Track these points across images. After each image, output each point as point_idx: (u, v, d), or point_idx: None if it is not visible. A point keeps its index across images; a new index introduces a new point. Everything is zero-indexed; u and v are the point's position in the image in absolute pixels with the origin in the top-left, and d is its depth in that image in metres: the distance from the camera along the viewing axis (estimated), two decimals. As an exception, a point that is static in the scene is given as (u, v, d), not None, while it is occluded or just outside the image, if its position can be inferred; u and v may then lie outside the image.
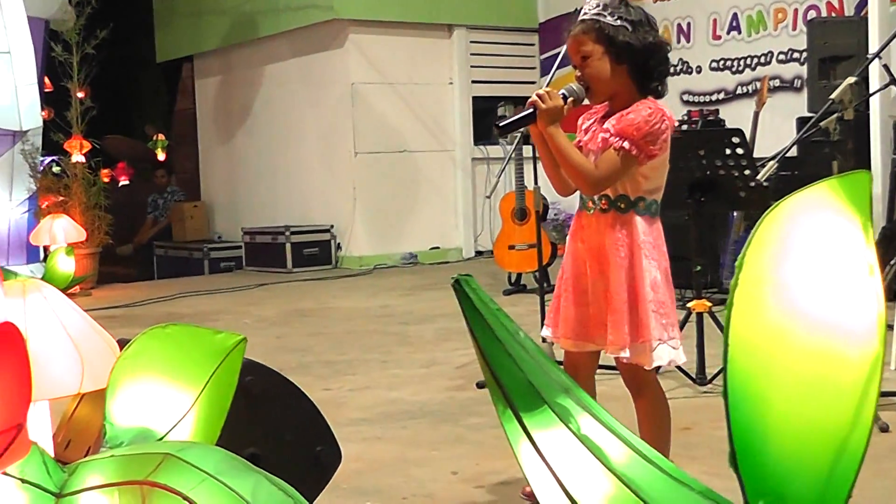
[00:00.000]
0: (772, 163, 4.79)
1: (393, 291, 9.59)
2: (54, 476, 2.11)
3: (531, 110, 3.16)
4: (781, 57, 10.55)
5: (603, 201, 3.21)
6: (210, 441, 2.49)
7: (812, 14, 10.17)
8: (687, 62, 11.40)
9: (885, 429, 4.15)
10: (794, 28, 10.43)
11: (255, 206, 13.16)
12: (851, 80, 4.55)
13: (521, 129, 3.38)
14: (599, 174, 3.14)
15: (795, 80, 10.31)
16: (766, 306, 1.26)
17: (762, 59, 10.66)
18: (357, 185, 11.82)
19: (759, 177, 4.67)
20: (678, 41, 11.47)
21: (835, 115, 6.76)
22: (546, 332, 3.48)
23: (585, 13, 3.22)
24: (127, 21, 13.60)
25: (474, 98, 12.62)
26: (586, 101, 3.27)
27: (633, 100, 3.18)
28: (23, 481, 2.07)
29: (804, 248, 1.28)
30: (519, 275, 9.17)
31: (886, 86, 6.81)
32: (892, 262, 7.18)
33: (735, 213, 7.66)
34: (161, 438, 2.41)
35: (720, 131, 4.93)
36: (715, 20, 11.10)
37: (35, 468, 2.08)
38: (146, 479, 2.00)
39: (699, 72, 11.29)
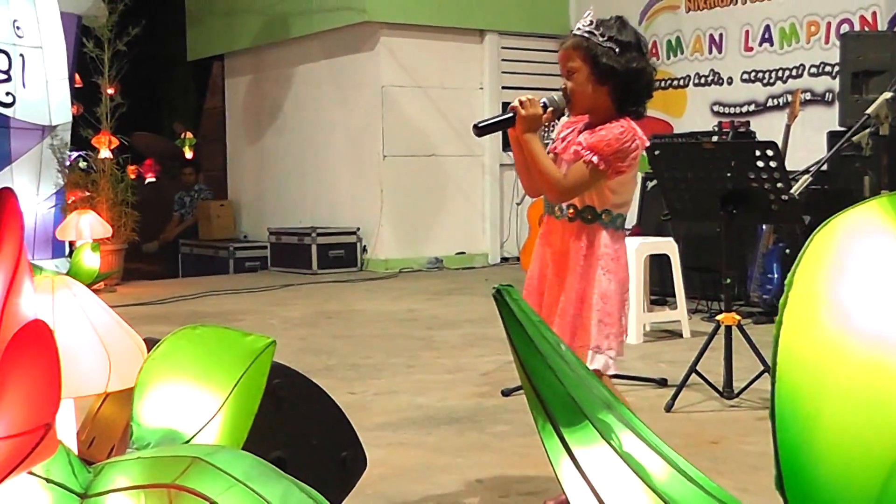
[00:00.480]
0: (806, 176, 4.76)
1: (418, 295, 9.56)
2: (80, 476, 2.09)
3: (511, 115, 3.28)
4: (813, 70, 10.49)
5: (570, 210, 3.34)
6: (237, 444, 2.47)
7: (845, 28, 10.11)
8: (718, 73, 11.33)
9: None
10: (827, 41, 10.37)
11: (281, 206, 13.17)
12: (888, 95, 4.51)
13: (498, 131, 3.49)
14: (566, 184, 3.27)
15: (827, 94, 10.25)
16: (818, 324, 1.22)
17: (794, 72, 10.60)
18: (385, 188, 11.80)
19: (792, 190, 4.63)
20: (710, 52, 11.42)
21: (868, 130, 6.74)
22: None
23: (579, 28, 3.29)
24: (159, 19, 13.65)
25: (504, 104, 12.55)
26: (566, 112, 3.42)
27: (611, 117, 3.28)
28: (48, 481, 2.05)
29: (858, 266, 1.25)
30: (545, 282, 9.12)
31: (885, 102, 6.73)
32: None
33: (764, 227, 7.61)
34: (188, 441, 2.39)
35: (754, 143, 4.88)
36: (747, 31, 11.04)
37: (60, 468, 2.06)
38: (173, 483, 1.97)
39: (730, 83, 11.23)
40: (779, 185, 4.62)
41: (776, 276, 7.60)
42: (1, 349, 2.19)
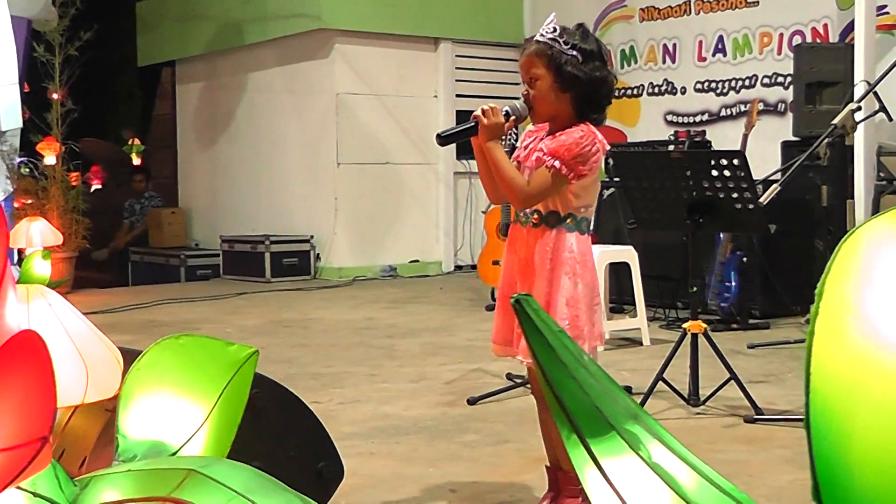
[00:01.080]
0: (775, 185, 4.78)
1: (375, 304, 9.53)
2: (66, 490, 2.05)
3: (473, 123, 3.32)
4: (766, 81, 10.57)
5: (534, 216, 3.38)
6: (221, 455, 2.43)
7: (797, 39, 10.20)
8: (672, 83, 11.40)
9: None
10: (780, 52, 10.46)
11: (234, 214, 13.09)
12: (853, 106, 4.53)
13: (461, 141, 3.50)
14: (530, 190, 3.31)
15: (779, 105, 10.33)
16: (848, 335, 1.21)
17: (747, 83, 10.68)
18: (339, 196, 11.76)
19: (761, 199, 4.66)
20: (664, 61, 11.48)
21: (825, 141, 6.80)
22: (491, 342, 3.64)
23: (542, 35, 3.32)
24: (111, 24, 13.52)
25: (458, 112, 12.57)
26: (529, 120, 3.48)
27: (572, 124, 3.33)
28: (35, 495, 2.00)
29: (884, 277, 1.23)
30: (502, 290, 9.12)
31: (876, 112, 6.80)
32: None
33: (722, 235, 7.65)
34: (175, 452, 2.35)
35: (722, 153, 4.91)
36: (701, 42, 11.11)
37: (47, 482, 2.02)
38: (169, 496, 1.93)
39: (684, 93, 11.30)
40: (746, 194, 4.64)
41: (734, 284, 7.64)
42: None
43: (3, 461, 1.92)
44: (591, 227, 8.84)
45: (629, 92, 11.76)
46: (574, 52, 3.26)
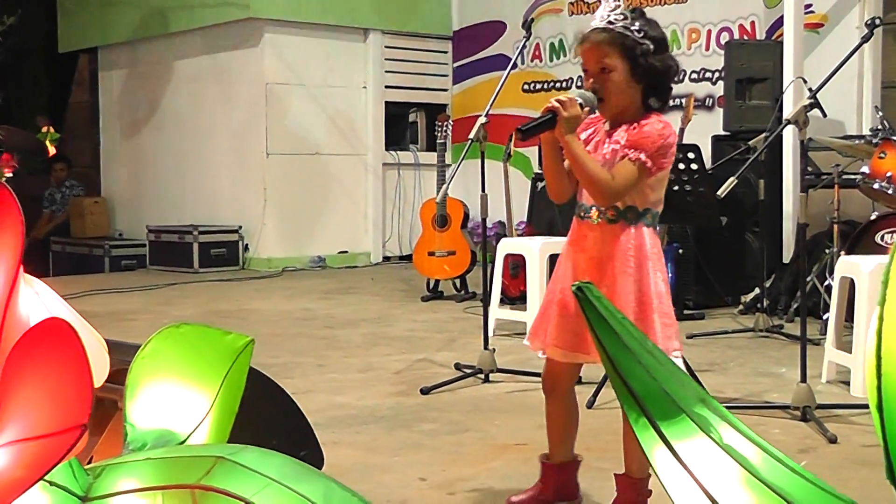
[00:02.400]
0: (732, 179, 4.86)
1: (309, 295, 9.52)
2: (80, 479, 2.05)
3: (550, 115, 3.12)
4: (694, 76, 10.70)
5: (610, 212, 3.22)
6: (221, 442, 2.45)
7: (725, 36, 10.36)
8: (601, 76, 11.48)
9: (833, 440, 4.24)
10: (707, 48, 10.61)
11: (159, 203, 12.97)
12: (806, 101, 4.60)
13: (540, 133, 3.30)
14: (617, 185, 3.15)
15: (707, 99, 10.48)
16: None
17: (675, 78, 10.79)
18: (268, 186, 11.71)
19: (719, 192, 4.75)
20: (592, 55, 11.56)
21: (763, 135, 6.93)
22: (527, 342, 3.50)
23: (612, 21, 3.17)
24: (33, 9, 13.34)
25: (387, 103, 12.61)
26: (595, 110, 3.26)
27: (639, 114, 3.21)
28: (49, 483, 2.00)
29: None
30: (437, 281, 9.17)
31: (811, 108, 6.92)
32: (807, 280, 7.35)
33: (658, 227, 7.74)
34: (183, 441, 2.36)
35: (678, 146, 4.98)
36: (629, 36, 11.21)
37: (62, 471, 2.02)
38: (198, 483, 1.95)
39: (612, 86, 11.38)
40: (701, 188, 4.72)
41: (670, 275, 7.71)
42: (8, 346, 2.14)
43: (42, 448, 1.92)
44: (526, 219, 8.86)
45: (558, 85, 11.85)
46: (647, 42, 3.15)
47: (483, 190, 5.70)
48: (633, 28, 3.14)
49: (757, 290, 7.84)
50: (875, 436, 4.16)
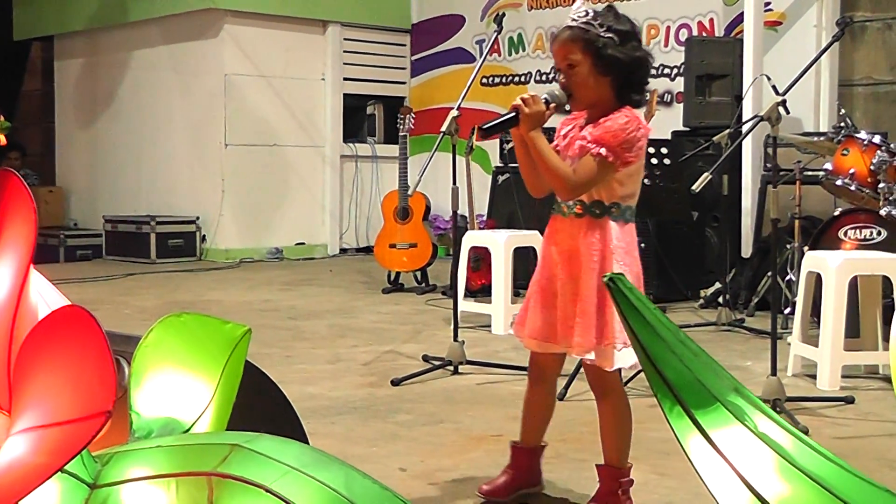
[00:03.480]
0: (706, 174, 4.93)
1: (268, 286, 9.51)
2: (88, 465, 2.06)
3: (514, 114, 3.21)
4: (653, 72, 10.76)
5: (578, 206, 3.29)
6: (221, 430, 2.46)
7: (684, 33, 10.45)
8: (560, 71, 11.53)
9: (805, 432, 4.31)
10: (666, 45, 10.69)
11: (116, 194, 12.88)
12: (778, 99, 4.67)
13: (502, 132, 3.39)
14: (577, 180, 3.21)
15: (666, 95, 10.55)
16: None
17: (649, 70, 10.85)
18: (226, 177, 11.68)
19: (693, 187, 4.81)
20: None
21: (728, 131, 7.01)
22: (511, 330, 3.61)
23: (575, 19, 3.23)
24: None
25: (345, 95, 12.61)
26: (567, 107, 3.33)
27: (612, 109, 3.25)
28: (60, 470, 2.01)
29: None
30: (398, 273, 9.19)
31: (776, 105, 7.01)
32: (768, 274, 7.45)
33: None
34: (188, 429, 2.38)
35: (652, 141, 5.04)
36: (589, 31, 11.27)
37: (71, 457, 2.03)
38: (214, 471, 1.96)
39: (571, 81, 11.44)
40: (674, 183, 4.78)
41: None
42: (21, 333, 2.15)
43: (65, 434, 1.94)
44: (486, 213, 8.89)
45: (517, 79, 11.90)
46: (610, 35, 3.18)
47: (454, 183, 5.73)
48: (595, 22, 3.20)
49: (718, 285, 7.93)
50: (846, 428, 4.27)
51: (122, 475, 2.06)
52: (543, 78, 11.70)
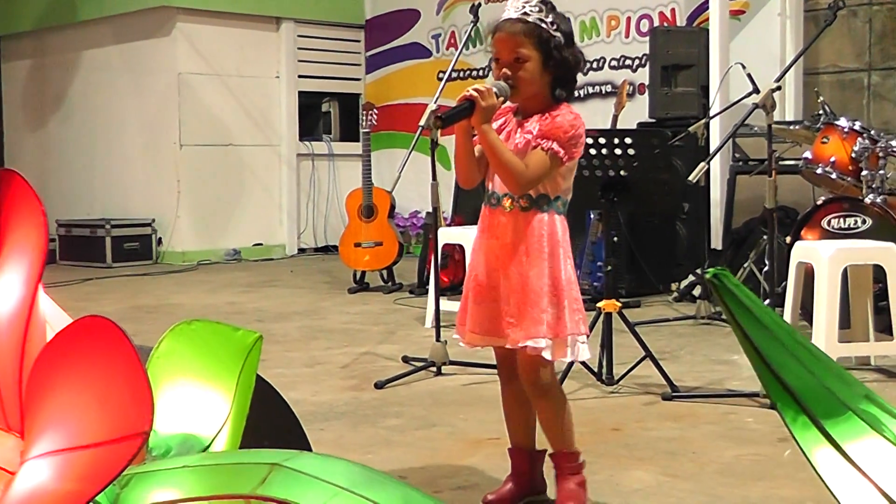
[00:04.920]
0: (702, 164, 4.82)
1: (230, 288, 9.33)
2: (106, 489, 1.90)
3: (468, 104, 3.17)
4: (614, 63, 10.72)
5: (523, 200, 3.26)
6: (236, 443, 2.32)
7: (645, 23, 10.37)
8: (518, 64, 11.42)
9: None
10: (627, 36, 10.62)
11: (69, 197, 12.59)
12: (773, 86, 4.57)
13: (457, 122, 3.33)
14: (530, 174, 3.20)
15: (629, 87, 10.45)
16: None
17: (595, 65, 10.78)
18: (181, 178, 11.47)
19: (690, 178, 4.70)
20: (509, 43, 11.49)
21: (703, 121, 6.92)
22: (455, 335, 3.50)
23: (526, 13, 3.23)
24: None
25: (300, 93, 12.44)
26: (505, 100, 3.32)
27: (546, 103, 3.27)
28: (76, 493, 1.85)
29: None
30: (363, 273, 9.03)
31: (749, 94, 6.93)
32: (744, 266, 7.37)
33: (592, 215, 7.71)
34: (208, 445, 2.23)
35: (643, 132, 4.94)
36: (546, 24, 11.16)
37: (84, 479, 1.87)
38: (253, 493, 1.80)
39: (529, 74, 11.33)
40: (664, 175, 4.67)
41: (605, 265, 7.69)
42: (32, 347, 1.99)
43: (99, 458, 1.77)
44: (452, 209, 8.75)
45: (474, 73, 11.77)
46: (559, 35, 3.21)
47: (434, 178, 5.57)
48: (547, 20, 3.22)
49: (691, 277, 7.85)
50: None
51: (145, 499, 1.89)
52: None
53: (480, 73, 11.71)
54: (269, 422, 3.11)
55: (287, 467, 1.84)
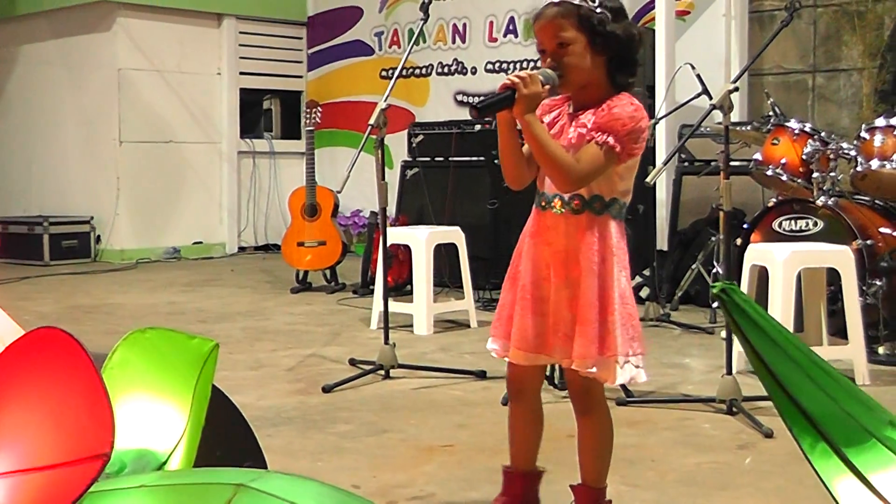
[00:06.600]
0: (660, 165, 4.76)
1: (170, 287, 9.17)
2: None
3: (509, 93, 2.85)
4: (558, 63, 10.64)
5: (576, 201, 2.95)
6: (190, 458, 2.21)
7: (590, 22, 10.31)
8: (462, 63, 11.37)
9: (769, 434, 4.15)
10: (571, 34, 10.55)
11: (5, 194, 12.32)
12: (730, 86, 4.52)
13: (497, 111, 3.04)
14: (581, 170, 2.87)
15: (572, 86, 10.41)
16: None
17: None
18: (121, 175, 11.28)
19: (647, 179, 4.64)
20: (453, 41, 11.44)
21: (652, 122, 6.87)
22: (493, 345, 3.15)
23: None
24: None
25: (242, 90, 12.28)
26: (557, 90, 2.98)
27: (605, 92, 2.94)
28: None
29: None
30: (306, 272, 8.91)
31: (699, 95, 6.90)
32: (692, 267, 7.34)
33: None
34: (165, 461, 2.12)
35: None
36: (492, 22, 11.12)
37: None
38: (220, 516, 1.70)
39: (474, 73, 11.29)
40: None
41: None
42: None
43: (56, 480, 1.66)
44: (395, 208, 8.66)
45: (418, 71, 11.67)
46: (602, 10, 2.90)
47: (383, 178, 5.46)
48: None
49: (638, 278, 7.80)
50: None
51: (101, 521, 1.79)
52: (445, 70, 11.50)
53: (423, 71, 11.63)
54: (221, 430, 3.01)
55: (253, 488, 1.74)
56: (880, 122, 5.97)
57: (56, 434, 1.64)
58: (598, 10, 2.90)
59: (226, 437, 3.00)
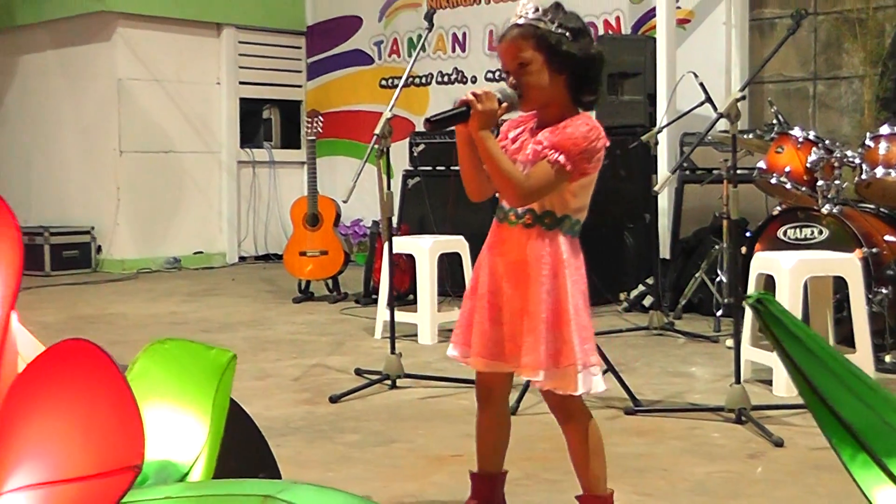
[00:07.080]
0: (667, 174, 4.76)
1: (172, 297, 9.17)
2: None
3: (464, 108, 2.96)
4: (558, 71, 10.65)
5: (527, 216, 3.04)
6: (210, 469, 2.21)
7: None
8: (462, 72, 11.39)
9: (779, 443, 4.15)
10: (571, 43, 10.56)
11: (4, 204, 12.32)
12: (737, 94, 4.52)
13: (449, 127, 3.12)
14: (530, 185, 2.97)
15: (573, 95, 10.42)
16: None
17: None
18: (121, 185, 11.27)
19: (655, 188, 4.64)
20: (453, 50, 11.45)
21: (655, 130, 6.89)
22: (453, 351, 3.24)
23: (522, 17, 3.01)
24: None
25: (241, 100, 12.28)
26: (517, 108, 3.10)
27: (567, 111, 3.05)
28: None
29: None
30: (308, 282, 8.91)
31: (702, 104, 6.92)
32: (696, 276, 7.34)
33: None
34: (187, 472, 2.12)
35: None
36: (491, 31, 11.11)
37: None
38: (245, 529, 1.71)
39: (474, 81, 11.29)
40: (630, 184, 4.61)
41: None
42: (7, 373, 1.88)
43: (87, 492, 1.66)
44: (398, 217, 8.66)
45: (418, 81, 11.68)
46: (562, 30, 2.98)
47: (388, 187, 5.45)
48: (546, 18, 3.00)
49: (641, 287, 7.81)
50: (820, 438, 4.08)
51: (125, 534, 1.78)
52: (444, 79, 11.52)
53: (423, 80, 11.63)
54: (235, 440, 3.01)
55: (281, 499, 1.74)
56: (885, 129, 5.97)
57: (87, 446, 1.63)
58: (558, 30, 2.98)
59: (240, 448, 3.00)
